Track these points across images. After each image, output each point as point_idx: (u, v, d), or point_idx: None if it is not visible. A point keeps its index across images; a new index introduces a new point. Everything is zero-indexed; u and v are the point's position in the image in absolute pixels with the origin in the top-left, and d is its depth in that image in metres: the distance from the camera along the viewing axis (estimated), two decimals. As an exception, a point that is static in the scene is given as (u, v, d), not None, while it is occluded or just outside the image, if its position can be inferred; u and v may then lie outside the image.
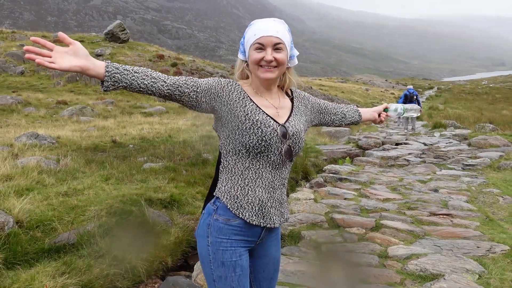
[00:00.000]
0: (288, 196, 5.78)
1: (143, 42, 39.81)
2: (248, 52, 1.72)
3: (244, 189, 1.71)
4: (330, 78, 76.89)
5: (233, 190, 1.72)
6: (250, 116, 1.67)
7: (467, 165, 8.64)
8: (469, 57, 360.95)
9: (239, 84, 1.76)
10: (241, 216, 1.70)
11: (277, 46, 1.68)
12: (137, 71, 1.58)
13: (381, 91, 52.43)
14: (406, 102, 16.50)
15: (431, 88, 64.00)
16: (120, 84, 1.54)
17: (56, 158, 6.72)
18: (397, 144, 12.23)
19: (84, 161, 6.68)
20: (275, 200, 1.77)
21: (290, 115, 1.80)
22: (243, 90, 1.74)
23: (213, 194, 1.78)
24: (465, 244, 4.05)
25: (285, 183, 1.81)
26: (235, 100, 1.70)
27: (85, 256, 3.49)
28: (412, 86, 19.18)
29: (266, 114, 1.71)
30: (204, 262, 1.76)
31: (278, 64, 1.70)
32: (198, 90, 1.67)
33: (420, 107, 2.36)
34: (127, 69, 1.56)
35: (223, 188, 1.74)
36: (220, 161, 1.79)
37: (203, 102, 1.68)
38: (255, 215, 1.72)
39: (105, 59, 1.58)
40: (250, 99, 1.73)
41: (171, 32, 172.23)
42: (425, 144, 12.08)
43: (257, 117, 1.68)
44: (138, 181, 5.61)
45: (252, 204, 1.71)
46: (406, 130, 17.19)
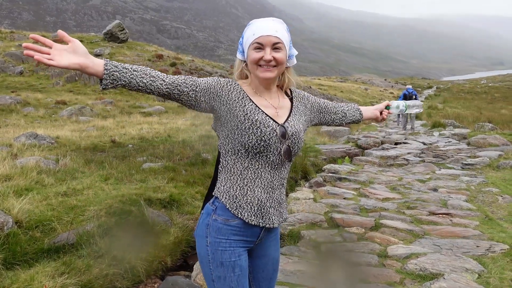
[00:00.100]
0: (287, 196, 5.78)
1: (142, 42, 39.82)
2: (247, 51, 1.72)
3: (243, 189, 1.70)
4: (329, 77, 76.99)
5: (232, 190, 1.71)
6: (249, 116, 1.66)
7: (466, 164, 8.65)
8: (468, 57, 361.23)
9: (239, 84, 1.75)
10: (240, 216, 1.70)
11: (276, 45, 1.68)
12: (136, 70, 1.57)
13: (380, 91, 52.48)
14: None
15: (430, 87, 64.09)
16: (119, 83, 1.54)
17: (55, 158, 6.72)
18: (396, 144, 12.23)
19: (83, 161, 6.68)
20: (274, 200, 1.76)
21: (289, 115, 1.79)
22: (243, 90, 1.73)
23: (212, 194, 1.77)
24: (465, 244, 4.05)
25: (284, 183, 1.80)
26: (235, 100, 1.69)
27: (85, 256, 3.49)
28: (411, 86, 19.21)
29: (265, 114, 1.71)
30: (203, 262, 1.75)
31: (277, 63, 1.69)
32: (197, 90, 1.66)
33: (422, 103, 2.36)
34: (126, 67, 1.56)
35: (222, 188, 1.74)
36: (219, 161, 1.78)
37: (202, 101, 1.67)
38: (254, 215, 1.71)
39: (105, 59, 1.58)
40: (250, 99, 1.72)
41: (170, 32, 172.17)
42: (424, 144, 12.08)
43: (256, 117, 1.67)
44: (137, 181, 5.60)
45: (251, 204, 1.71)
46: (405, 129, 17.22)
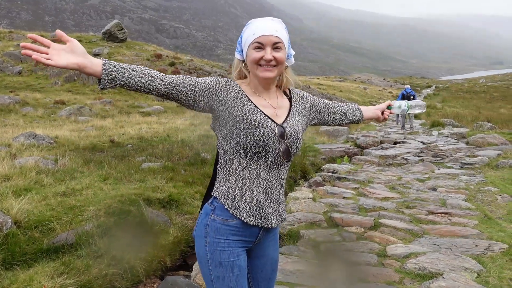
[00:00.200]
0: (286, 196, 5.78)
1: (141, 42, 39.79)
2: (247, 51, 1.71)
3: (241, 189, 1.70)
4: (328, 77, 77.05)
5: (230, 190, 1.71)
6: (248, 116, 1.66)
7: (465, 163, 8.66)
8: (467, 56, 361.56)
9: (237, 84, 1.75)
10: (238, 216, 1.70)
11: (276, 45, 1.68)
12: (134, 70, 1.57)
13: (379, 90, 52.51)
14: None
15: (429, 86, 64.18)
16: (117, 82, 1.53)
17: (54, 158, 6.71)
18: (395, 143, 12.24)
19: (82, 161, 6.67)
20: (273, 200, 1.76)
21: (288, 115, 1.78)
22: (241, 90, 1.73)
23: (211, 194, 1.77)
24: (464, 243, 4.06)
25: (283, 183, 1.80)
26: (233, 100, 1.69)
27: (84, 256, 3.48)
28: (409, 86, 19.25)
29: (264, 114, 1.70)
30: (202, 262, 1.75)
31: (277, 63, 1.69)
32: (196, 89, 1.65)
33: (425, 103, 2.35)
34: (125, 67, 1.55)
35: (221, 188, 1.73)
36: (217, 161, 1.78)
37: (201, 101, 1.67)
38: (252, 215, 1.71)
39: (103, 59, 1.58)
40: (248, 98, 1.71)
41: (169, 32, 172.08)
42: (423, 143, 12.09)
43: (255, 117, 1.66)
44: (136, 181, 5.60)
45: (249, 204, 1.70)
46: (404, 129, 17.23)
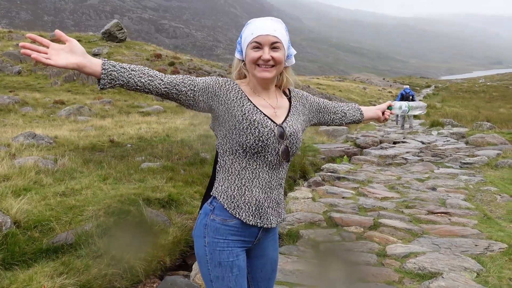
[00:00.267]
0: (286, 195, 5.78)
1: (141, 42, 39.78)
2: (245, 51, 1.71)
3: (241, 189, 1.70)
4: (328, 77, 77.08)
5: (230, 190, 1.71)
6: (247, 116, 1.66)
7: (464, 163, 8.66)
8: (466, 56, 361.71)
9: (237, 84, 1.74)
10: (237, 216, 1.69)
11: (274, 45, 1.67)
12: (134, 69, 1.57)
13: (379, 90, 52.54)
14: None
15: (428, 86, 64.24)
16: (117, 82, 1.53)
17: (54, 158, 6.71)
18: (395, 143, 12.24)
19: (82, 161, 6.66)
20: (272, 201, 1.76)
21: (287, 115, 1.78)
22: (241, 90, 1.73)
23: (210, 194, 1.77)
24: (463, 242, 4.06)
25: (282, 183, 1.80)
26: (233, 100, 1.69)
27: (83, 256, 3.48)
28: (408, 86, 19.25)
29: (264, 114, 1.70)
30: (201, 262, 1.75)
31: (275, 63, 1.69)
32: (195, 89, 1.65)
33: (425, 105, 2.34)
34: (124, 67, 1.55)
35: (220, 187, 1.73)
36: (217, 161, 1.77)
37: (201, 101, 1.67)
38: (251, 215, 1.71)
39: (102, 59, 1.58)
40: (248, 98, 1.71)
41: (168, 31, 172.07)
42: (422, 143, 12.09)
43: (254, 117, 1.66)
44: (136, 181, 5.59)
45: (249, 204, 1.70)
46: (403, 128, 17.24)
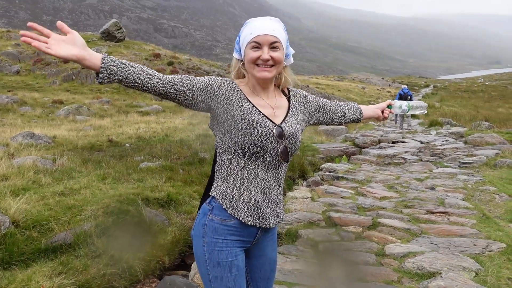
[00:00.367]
0: (285, 195, 5.78)
1: (139, 41, 39.78)
2: (244, 51, 1.71)
3: (239, 189, 1.70)
4: (327, 76, 77.13)
5: (228, 190, 1.70)
6: (246, 116, 1.66)
7: (463, 163, 8.67)
8: (465, 55, 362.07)
9: (236, 83, 1.74)
10: (236, 216, 1.69)
11: (273, 45, 1.67)
12: (133, 66, 1.57)
13: (378, 89, 52.58)
14: None
15: (427, 86, 64.31)
16: (116, 77, 1.53)
17: (52, 157, 6.70)
18: (393, 142, 12.25)
19: (81, 160, 6.66)
20: (271, 201, 1.75)
21: (286, 115, 1.78)
22: (240, 90, 1.72)
23: (209, 194, 1.76)
24: (462, 242, 4.06)
25: (281, 183, 1.80)
26: (231, 99, 1.68)
27: (82, 256, 3.48)
28: (406, 86, 19.26)
29: (262, 114, 1.70)
30: (200, 262, 1.74)
31: (274, 63, 1.68)
32: (194, 89, 1.65)
33: (426, 104, 2.33)
34: (124, 62, 1.55)
35: (219, 187, 1.73)
36: (216, 160, 1.77)
37: (199, 100, 1.66)
38: (250, 215, 1.70)
39: (103, 53, 1.59)
40: (247, 98, 1.71)
41: (167, 31, 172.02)
42: (421, 142, 12.10)
43: (253, 117, 1.66)
44: (135, 181, 5.59)
45: (247, 204, 1.70)
46: (402, 128, 17.26)
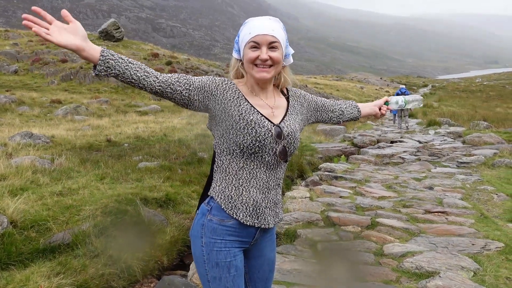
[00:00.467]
0: (283, 195, 5.78)
1: (138, 41, 39.75)
2: (243, 50, 1.70)
3: (238, 189, 1.69)
4: (325, 76, 77.20)
5: (227, 190, 1.70)
6: (244, 116, 1.65)
7: (461, 162, 8.69)
8: (463, 55, 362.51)
9: (234, 83, 1.74)
10: (235, 216, 1.69)
11: (272, 44, 1.66)
12: (131, 62, 1.57)
13: (376, 89, 52.64)
14: None
15: (425, 86, 64.41)
16: (113, 71, 1.53)
17: (51, 157, 6.69)
18: (392, 142, 12.26)
19: (79, 160, 6.65)
20: (270, 201, 1.75)
21: (285, 115, 1.78)
22: (238, 89, 1.72)
23: (208, 194, 1.76)
24: (460, 242, 4.07)
25: (280, 183, 1.79)
26: (230, 99, 1.68)
27: (80, 256, 3.48)
28: (404, 86, 19.27)
29: (261, 114, 1.69)
30: (198, 262, 1.74)
31: (273, 63, 1.68)
32: (191, 88, 1.64)
33: (421, 98, 2.33)
34: (122, 57, 1.55)
35: (218, 187, 1.72)
36: (214, 160, 1.77)
37: (196, 100, 1.66)
38: (249, 216, 1.70)
39: (103, 47, 1.60)
40: (245, 98, 1.71)
41: (165, 31, 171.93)
42: (419, 142, 12.12)
43: (251, 117, 1.66)
44: (133, 180, 5.58)
45: (246, 205, 1.69)
46: (400, 128, 17.28)
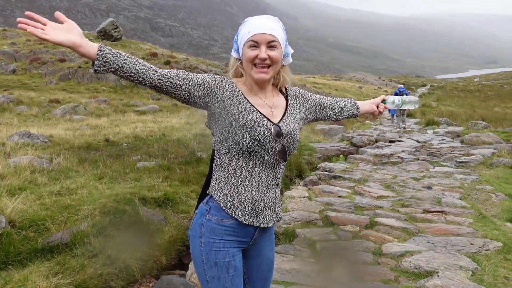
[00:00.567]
0: (282, 194, 5.78)
1: (136, 40, 39.73)
2: (242, 50, 1.70)
3: (237, 188, 1.69)
4: (324, 75, 77.22)
5: (226, 189, 1.70)
6: (243, 114, 1.65)
7: (460, 162, 8.70)
8: (462, 55, 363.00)
9: (233, 82, 1.74)
10: (234, 215, 1.68)
11: (271, 44, 1.66)
12: (129, 57, 1.57)
13: (375, 89, 52.66)
14: None
15: (424, 85, 64.49)
16: (111, 66, 1.52)
17: (49, 157, 6.68)
18: (390, 142, 12.26)
19: (77, 160, 6.64)
20: (269, 200, 1.75)
21: (284, 114, 1.77)
22: (237, 88, 1.72)
23: (207, 193, 1.76)
24: (459, 241, 4.07)
25: (279, 183, 1.79)
26: (229, 97, 1.68)
27: (79, 255, 3.47)
28: (403, 86, 19.29)
29: (260, 113, 1.69)
30: (197, 262, 1.74)
31: (272, 62, 1.67)
32: (191, 84, 1.64)
33: (418, 99, 2.34)
34: (120, 52, 1.55)
35: (217, 186, 1.72)
36: (213, 159, 1.76)
37: (196, 96, 1.65)
38: (248, 215, 1.70)
39: (99, 43, 1.61)
40: (244, 97, 1.70)
41: (164, 30, 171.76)
42: (418, 142, 12.13)
43: (250, 116, 1.65)
44: (131, 180, 5.58)
45: (245, 204, 1.69)
46: (399, 127, 17.30)
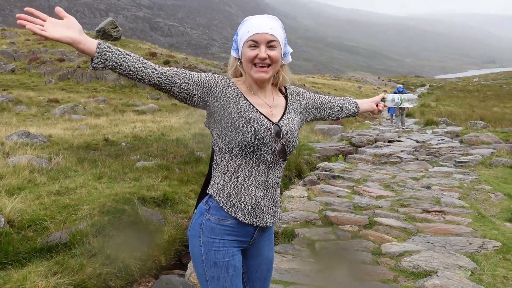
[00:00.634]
0: (281, 194, 5.78)
1: (135, 40, 39.72)
2: (242, 49, 1.69)
3: (237, 187, 1.69)
4: (323, 75, 77.26)
5: (226, 188, 1.70)
6: (243, 114, 1.65)
7: (459, 162, 8.70)
8: (461, 55, 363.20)
9: (233, 82, 1.73)
10: (233, 214, 1.68)
11: (271, 43, 1.66)
12: (129, 54, 1.56)
13: (374, 89, 52.69)
14: None
15: (423, 85, 64.54)
16: (110, 63, 1.52)
17: (48, 156, 6.67)
18: (389, 142, 12.27)
19: (76, 159, 6.64)
20: (269, 200, 1.75)
21: (284, 113, 1.77)
22: (237, 88, 1.71)
23: (206, 192, 1.75)
24: (458, 241, 4.07)
25: (278, 182, 1.79)
26: (229, 97, 1.67)
27: (78, 255, 3.47)
28: (402, 85, 19.34)
29: (260, 112, 1.69)
30: (196, 262, 1.74)
31: (271, 61, 1.67)
32: (190, 82, 1.64)
33: (416, 97, 2.35)
34: (119, 50, 1.55)
35: (216, 185, 1.72)
36: (213, 158, 1.76)
37: (195, 95, 1.65)
38: (247, 214, 1.70)
39: (99, 40, 1.59)
40: (244, 97, 1.70)
41: (163, 30, 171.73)
42: (417, 141, 12.14)
43: (250, 115, 1.65)
44: (131, 180, 5.58)
45: (245, 203, 1.69)
46: (398, 127, 17.31)
